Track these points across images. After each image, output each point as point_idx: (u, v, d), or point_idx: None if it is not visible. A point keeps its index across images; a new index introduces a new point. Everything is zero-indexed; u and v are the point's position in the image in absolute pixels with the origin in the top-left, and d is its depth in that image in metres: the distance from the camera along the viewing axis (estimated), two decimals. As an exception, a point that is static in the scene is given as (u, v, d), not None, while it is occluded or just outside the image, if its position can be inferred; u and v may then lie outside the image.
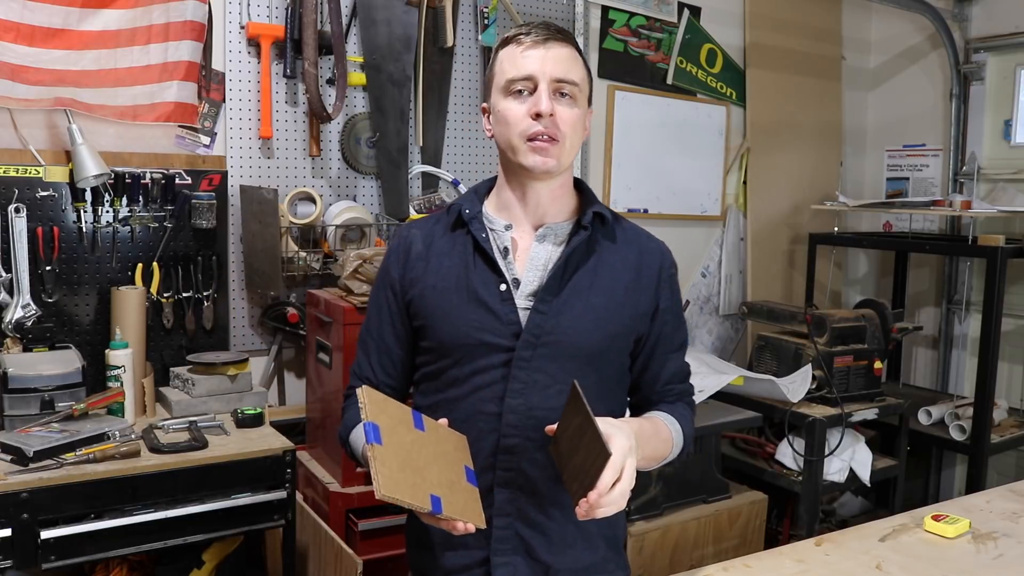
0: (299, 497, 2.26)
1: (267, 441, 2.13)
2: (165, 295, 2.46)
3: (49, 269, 2.30)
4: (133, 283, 2.40)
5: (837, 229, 3.70)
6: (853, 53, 4.06)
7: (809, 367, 2.91)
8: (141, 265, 2.42)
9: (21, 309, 2.23)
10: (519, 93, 1.31)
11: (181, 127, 2.48)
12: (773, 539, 2.97)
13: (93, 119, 2.33)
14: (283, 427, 2.37)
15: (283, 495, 2.08)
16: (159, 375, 2.41)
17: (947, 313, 3.86)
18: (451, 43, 2.85)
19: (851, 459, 2.88)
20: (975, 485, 3.02)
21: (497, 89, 1.34)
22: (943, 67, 3.82)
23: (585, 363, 1.33)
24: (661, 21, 3.42)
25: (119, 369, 2.15)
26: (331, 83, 2.67)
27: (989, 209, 3.27)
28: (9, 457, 1.84)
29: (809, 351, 2.94)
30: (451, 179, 2.93)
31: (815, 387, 2.88)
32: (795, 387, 2.86)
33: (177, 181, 2.46)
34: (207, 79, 2.52)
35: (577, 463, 1.17)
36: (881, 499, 3.44)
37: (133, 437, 2.00)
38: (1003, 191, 3.61)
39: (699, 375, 2.72)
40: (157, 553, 2.10)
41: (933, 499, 3.70)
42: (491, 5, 2.90)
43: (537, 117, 1.28)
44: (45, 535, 1.81)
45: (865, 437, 2.99)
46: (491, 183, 1.45)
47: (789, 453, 2.85)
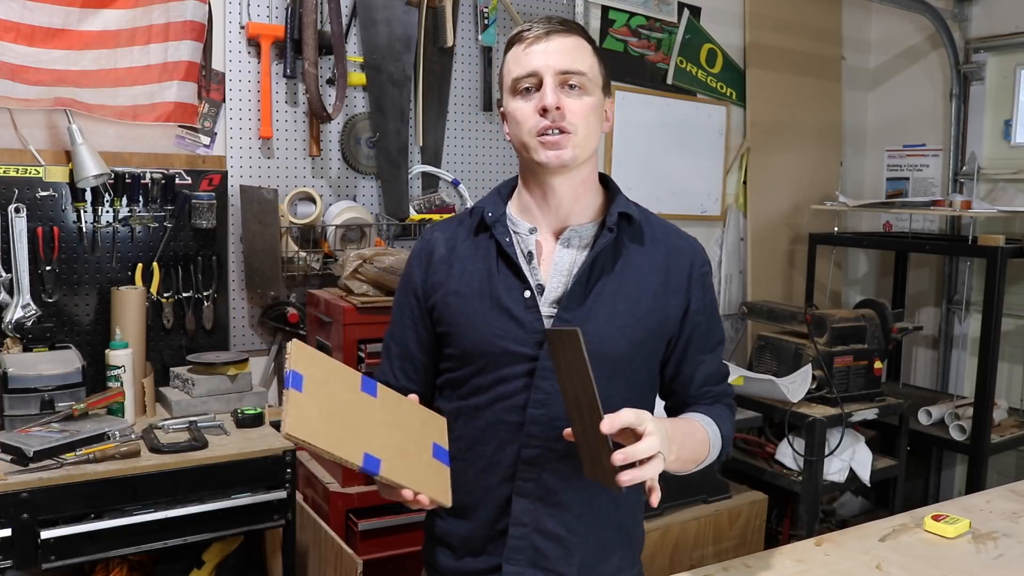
0: (299, 497, 2.26)
1: (267, 441, 2.13)
2: (165, 295, 2.46)
3: (49, 269, 2.30)
4: (133, 283, 2.40)
5: (837, 229, 3.70)
6: (853, 53, 4.06)
7: (809, 367, 2.90)
8: (141, 265, 2.42)
9: (21, 309, 2.23)
10: (526, 91, 1.28)
11: (181, 127, 2.48)
12: (773, 539, 2.97)
13: (93, 119, 2.33)
14: (283, 427, 2.37)
15: (283, 495, 2.08)
16: (159, 375, 2.41)
17: (947, 313, 3.86)
18: (451, 43, 2.85)
19: (851, 459, 2.88)
20: (975, 485, 3.02)
21: (506, 91, 1.32)
22: (943, 67, 3.82)
23: (613, 371, 1.29)
24: (661, 21, 3.42)
25: (119, 369, 2.15)
26: (331, 83, 2.67)
27: (989, 209, 3.27)
28: (9, 457, 1.84)
29: (809, 351, 2.94)
30: (451, 179, 2.93)
31: (815, 387, 2.88)
32: (795, 387, 2.86)
33: (177, 181, 2.46)
34: (207, 79, 2.52)
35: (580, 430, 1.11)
36: (881, 499, 3.43)
37: (133, 437, 2.00)
38: (1003, 191, 3.61)
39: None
40: (157, 553, 2.10)
41: (933, 499, 3.70)
42: (491, 5, 2.90)
43: (544, 112, 1.25)
44: (45, 535, 1.81)
45: (865, 437, 2.99)
46: (514, 183, 1.41)
47: (789, 453, 2.85)
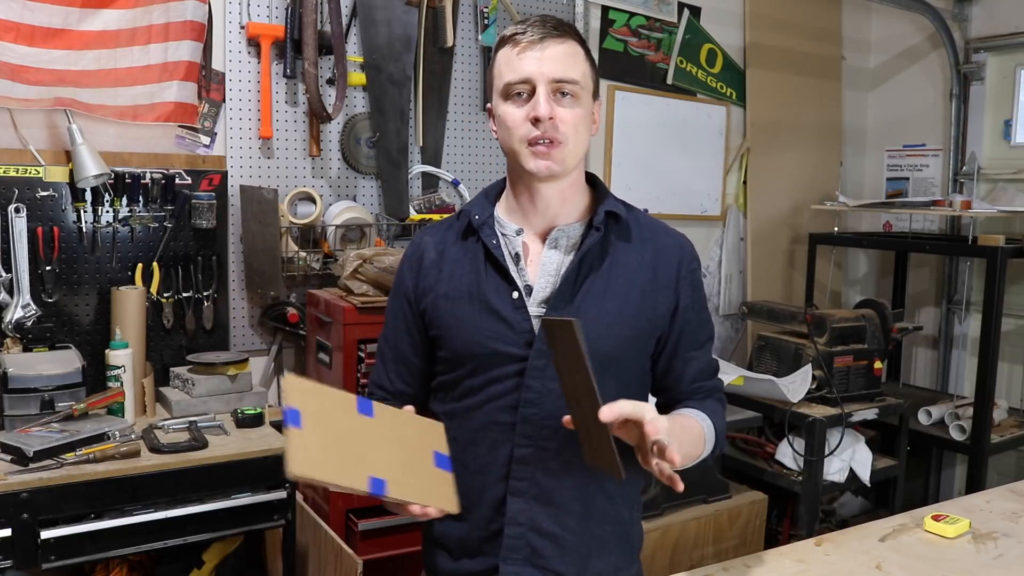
0: (299, 497, 2.26)
1: (267, 441, 2.12)
2: (165, 295, 2.46)
3: (49, 269, 2.30)
4: (133, 283, 2.40)
5: (837, 229, 3.70)
6: (853, 53, 4.06)
7: (809, 367, 2.90)
8: (141, 265, 2.42)
9: (21, 309, 2.23)
10: (518, 96, 1.27)
11: (181, 127, 2.48)
12: (773, 539, 2.97)
13: (93, 119, 2.33)
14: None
15: (283, 495, 2.08)
16: (159, 375, 2.41)
17: (947, 313, 3.86)
18: (451, 43, 2.85)
19: (851, 459, 2.88)
20: (975, 485, 3.01)
21: (497, 92, 1.30)
22: (943, 67, 3.82)
23: (603, 369, 1.27)
24: (661, 21, 3.42)
25: (119, 369, 2.15)
26: (331, 83, 2.67)
27: (989, 209, 3.27)
28: (9, 457, 1.84)
29: (809, 351, 2.93)
30: (451, 179, 2.93)
31: (815, 387, 2.88)
32: (795, 387, 2.86)
33: (177, 181, 2.46)
34: (207, 79, 2.52)
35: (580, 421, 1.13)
36: (881, 499, 3.44)
37: (133, 437, 2.00)
38: (1003, 191, 3.61)
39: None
40: (157, 553, 2.11)
41: (933, 499, 3.70)
42: (491, 5, 2.90)
43: (536, 122, 1.25)
44: (45, 535, 1.81)
45: (865, 437, 2.99)
46: (502, 184, 1.41)
47: (789, 453, 2.85)
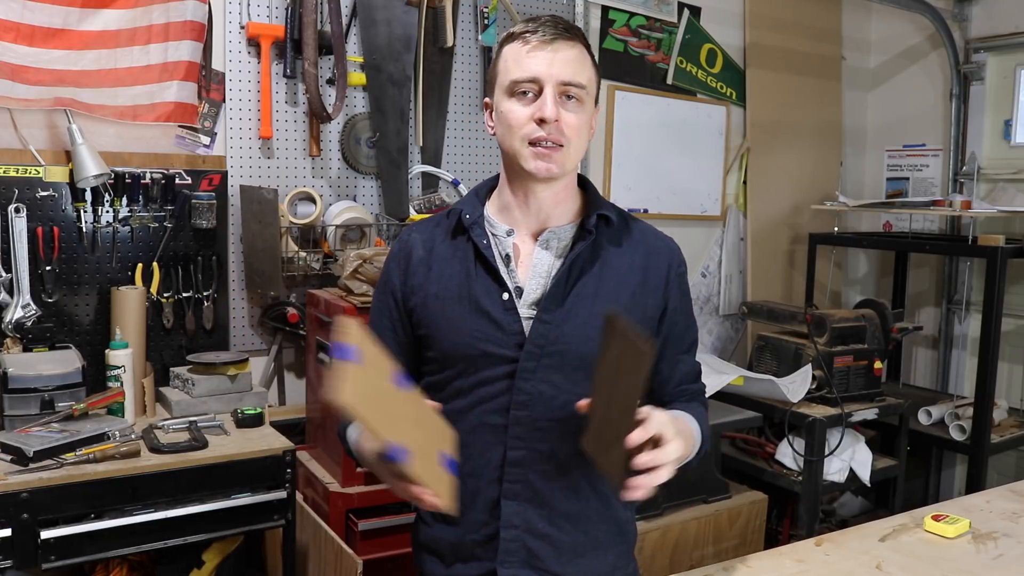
0: (299, 497, 2.26)
1: (267, 441, 2.13)
2: (165, 295, 2.46)
3: (49, 269, 2.29)
4: (133, 283, 2.39)
5: (837, 229, 3.70)
6: (853, 53, 4.06)
7: (809, 367, 2.90)
8: (141, 265, 2.42)
9: (21, 309, 2.23)
10: (523, 95, 1.26)
11: (181, 127, 2.48)
12: (773, 539, 2.97)
13: (93, 119, 2.33)
14: (283, 427, 2.37)
15: (283, 495, 2.08)
16: (159, 375, 2.41)
17: (947, 313, 3.86)
18: (451, 43, 2.85)
19: (851, 459, 2.88)
20: (975, 485, 3.02)
21: (500, 88, 1.29)
22: (943, 67, 3.82)
23: (592, 372, 1.28)
24: (661, 21, 3.42)
25: (119, 369, 2.15)
26: (331, 83, 2.67)
27: (989, 209, 3.27)
28: (9, 457, 1.84)
29: (809, 351, 2.93)
30: (451, 179, 2.93)
31: (815, 387, 2.88)
32: (795, 387, 2.86)
33: (177, 181, 2.45)
34: (207, 79, 2.52)
35: (603, 418, 1.11)
36: (881, 499, 3.44)
37: (133, 437, 2.00)
38: (1003, 191, 3.61)
39: (699, 375, 2.72)
40: (157, 553, 2.10)
41: (933, 499, 3.70)
42: (491, 5, 2.90)
43: (541, 123, 1.24)
44: (45, 535, 1.81)
45: (865, 437, 2.99)
46: (492, 182, 1.41)
47: (789, 453, 2.85)
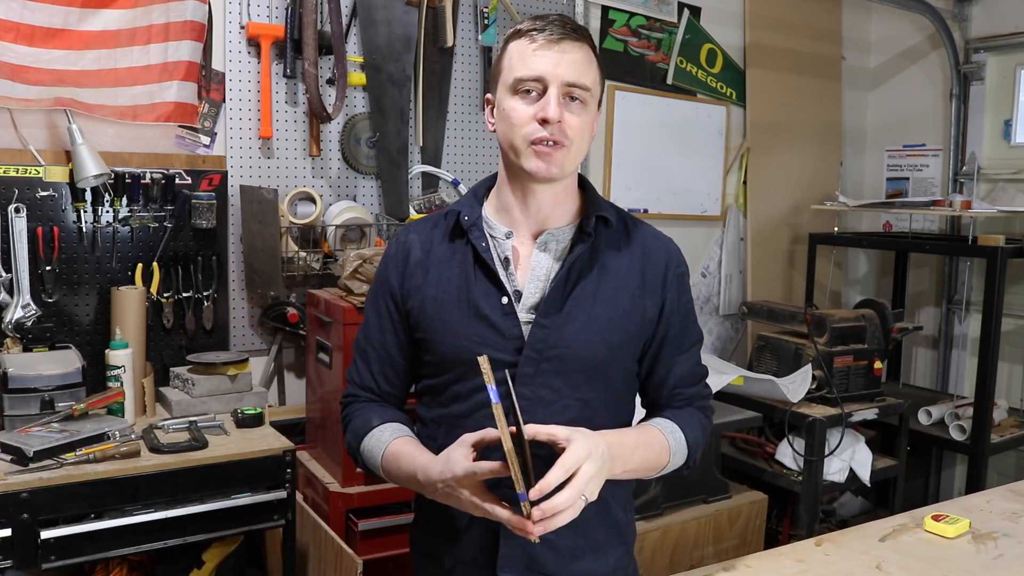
0: (299, 497, 2.26)
1: (267, 441, 2.13)
2: (165, 295, 2.46)
3: (49, 269, 2.30)
4: (133, 283, 2.39)
5: (837, 229, 3.70)
6: (853, 53, 4.06)
7: (809, 367, 2.91)
8: (141, 265, 2.42)
9: (21, 309, 2.23)
10: (527, 93, 1.24)
11: (181, 127, 2.48)
12: (773, 539, 2.97)
13: (93, 119, 2.33)
14: (283, 427, 2.37)
15: (283, 495, 2.08)
16: (159, 375, 2.41)
17: (947, 313, 3.86)
18: (451, 43, 2.85)
19: (851, 459, 2.88)
20: (975, 485, 3.02)
21: (504, 85, 1.27)
22: (943, 67, 3.82)
23: (591, 376, 1.29)
24: (661, 21, 3.42)
25: (119, 369, 2.15)
26: (331, 83, 2.67)
27: (989, 209, 3.27)
28: (9, 457, 1.84)
29: (809, 351, 2.94)
30: (451, 179, 2.93)
31: (815, 387, 2.88)
32: (795, 387, 2.86)
33: (177, 181, 2.46)
34: (207, 79, 2.52)
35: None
36: (881, 499, 3.44)
37: (133, 437, 2.00)
38: (1003, 191, 3.61)
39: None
40: (157, 553, 2.10)
41: (933, 499, 3.70)
42: (491, 5, 2.90)
43: (544, 123, 1.22)
44: (45, 535, 1.81)
45: (865, 437, 2.99)
46: (490, 182, 1.39)
47: (789, 453, 2.85)
